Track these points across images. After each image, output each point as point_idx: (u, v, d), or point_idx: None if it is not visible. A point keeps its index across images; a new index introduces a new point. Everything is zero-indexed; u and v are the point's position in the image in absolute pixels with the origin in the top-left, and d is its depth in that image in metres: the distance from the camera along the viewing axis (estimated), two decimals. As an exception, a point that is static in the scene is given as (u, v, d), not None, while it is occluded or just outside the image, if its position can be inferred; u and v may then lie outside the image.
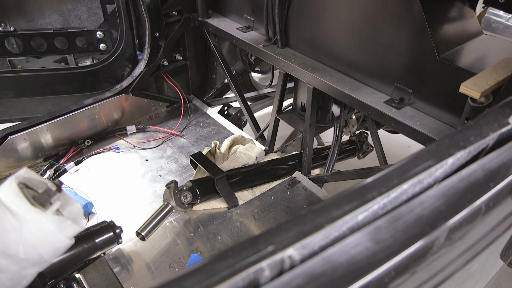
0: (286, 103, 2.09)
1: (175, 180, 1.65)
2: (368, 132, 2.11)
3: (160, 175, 1.90)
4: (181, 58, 2.27)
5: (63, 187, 0.79)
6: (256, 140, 2.15)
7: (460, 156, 0.60)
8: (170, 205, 1.57)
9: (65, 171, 1.87)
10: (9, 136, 1.81)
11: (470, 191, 0.56)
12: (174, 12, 2.06)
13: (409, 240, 0.49)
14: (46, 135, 1.92)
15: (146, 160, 1.98)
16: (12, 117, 2.23)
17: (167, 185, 1.61)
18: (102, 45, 2.03)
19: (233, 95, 2.41)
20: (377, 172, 0.58)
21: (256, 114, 2.42)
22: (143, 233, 1.49)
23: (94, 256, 1.40)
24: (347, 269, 0.45)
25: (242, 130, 2.31)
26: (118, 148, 2.04)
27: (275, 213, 1.69)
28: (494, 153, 0.62)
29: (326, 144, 2.28)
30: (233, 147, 2.00)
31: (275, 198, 1.77)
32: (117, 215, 1.63)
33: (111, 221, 1.46)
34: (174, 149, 2.08)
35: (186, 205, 1.62)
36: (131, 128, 2.12)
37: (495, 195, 0.57)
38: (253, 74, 2.94)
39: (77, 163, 1.92)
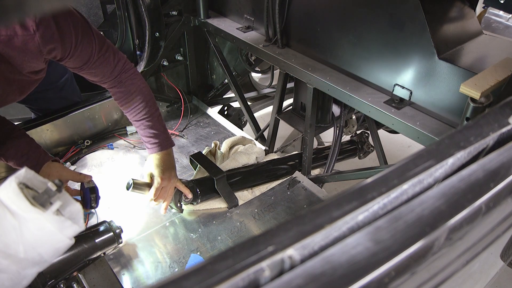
0: (286, 103, 2.09)
1: (186, 180, 1.65)
2: (369, 132, 2.11)
3: (160, 175, 1.89)
4: (181, 58, 2.27)
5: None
6: (256, 140, 2.16)
7: (460, 156, 0.60)
8: None
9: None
10: (9, 136, 1.80)
11: (470, 191, 0.56)
12: (174, 12, 2.06)
13: (409, 240, 0.49)
14: (46, 135, 1.92)
15: (146, 160, 1.98)
16: (12, 117, 2.24)
17: None
18: (102, 45, 2.03)
19: (233, 95, 2.41)
20: (377, 172, 0.58)
21: (256, 114, 2.42)
22: (132, 184, 1.47)
23: (94, 256, 1.40)
24: (347, 269, 0.45)
25: (242, 130, 2.31)
26: (111, 145, 2.04)
27: (275, 213, 1.69)
28: (494, 153, 0.62)
29: (326, 144, 2.29)
30: (233, 147, 2.00)
31: (275, 198, 1.77)
32: (117, 215, 1.63)
33: (111, 221, 1.46)
34: (174, 149, 2.08)
35: (179, 204, 1.63)
36: (131, 128, 2.12)
37: (495, 195, 0.57)
38: (253, 74, 2.94)
39: (73, 163, 1.92)
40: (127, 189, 1.49)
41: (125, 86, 1.44)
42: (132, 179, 1.49)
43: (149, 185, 1.52)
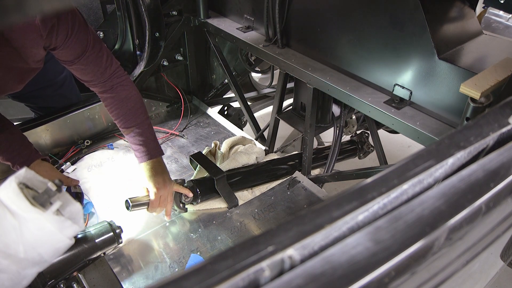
0: (286, 103, 2.09)
1: (184, 179, 1.65)
2: (369, 132, 2.11)
3: (160, 175, 1.89)
4: (181, 58, 2.27)
5: (63, 187, 0.79)
6: (256, 140, 2.16)
7: (460, 156, 0.60)
8: None
9: (62, 171, 1.87)
10: (9, 136, 1.80)
11: (470, 191, 0.56)
12: (174, 12, 2.06)
13: (409, 240, 0.49)
14: (46, 135, 1.92)
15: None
16: (12, 117, 2.23)
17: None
18: (102, 45, 2.03)
19: (233, 95, 2.41)
20: (377, 172, 0.58)
21: (256, 114, 2.42)
22: (131, 204, 1.48)
23: (94, 256, 1.40)
24: (347, 269, 0.45)
25: (242, 130, 2.31)
26: (111, 145, 2.04)
27: (275, 213, 1.69)
28: (494, 153, 0.62)
29: (326, 144, 2.29)
30: (233, 147, 2.00)
31: (275, 198, 1.77)
32: (117, 215, 1.63)
33: (111, 221, 1.46)
34: (174, 149, 2.08)
35: (181, 205, 1.63)
36: (131, 128, 2.12)
37: (495, 195, 0.57)
38: (253, 74, 2.94)
39: (73, 163, 1.92)
40: (127, 209, 1.50)
41: (116, 92, 1.44)
42: (129, 199, 1.49)
43: (147, 198, 1.52)
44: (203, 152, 1.85)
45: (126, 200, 1.49)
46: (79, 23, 1.26)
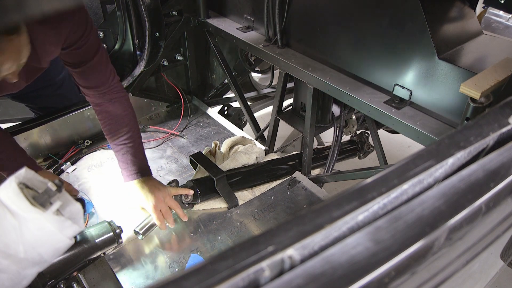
0: (286, 103, 2.09)
1: (176, 180, 1.65)
2: (369, 132, 2.11)
3: (160, 175, 1.89)
4: (181, 58, 2.27)
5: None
6: (256, 140, 2.16)
7: (460, 156, 0.61)
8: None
9: (62, 171, 1.87)
10: (9, 136, 1.80)
11: (470, 191, 0.56)
12: (174, 12, 2.06)
13: (409, 240, 0.49)
14: (46, 135, 1.92)
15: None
16: (12, 117, 2.24)
17: (168, 183, 1.62)
18: (102, 45, 2.03)
19: (233, 95, 2.41)
20: (377, 172, 0.58)
21: (256, 114, 2.42)
22: (140, 232, 1.51)
23: (94, 256, 1.40)
24: (347, 269, 0.45)
25: (242, 130, 2.31)
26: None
27: (275, 213, 1.69)
28: (494, 153, 0.62)
29: (326, 144, 2.29)
30: (233, 147, 2.00)
31: (275, 198, 1.77)
32: (117, 215, 1.63)
33: (111, 221, 1.46)
34: (174, 149, 2.08)
35: (187, 205, 1.63)
36: (131, 128, 2.12)
37: (495, 195, 0.57)
38: (253, 74, 2.94)
39: (73, 163, 1.92)
40: (139, 237, 1.53)
41: (112, 107, 1.45)
42: (136, 229, 1.51)
43: (151, 219, 1.53)
44: (203, 152, 1.85)
45: (135, 231, 1.52)
46: (91, 24, 1.29)
